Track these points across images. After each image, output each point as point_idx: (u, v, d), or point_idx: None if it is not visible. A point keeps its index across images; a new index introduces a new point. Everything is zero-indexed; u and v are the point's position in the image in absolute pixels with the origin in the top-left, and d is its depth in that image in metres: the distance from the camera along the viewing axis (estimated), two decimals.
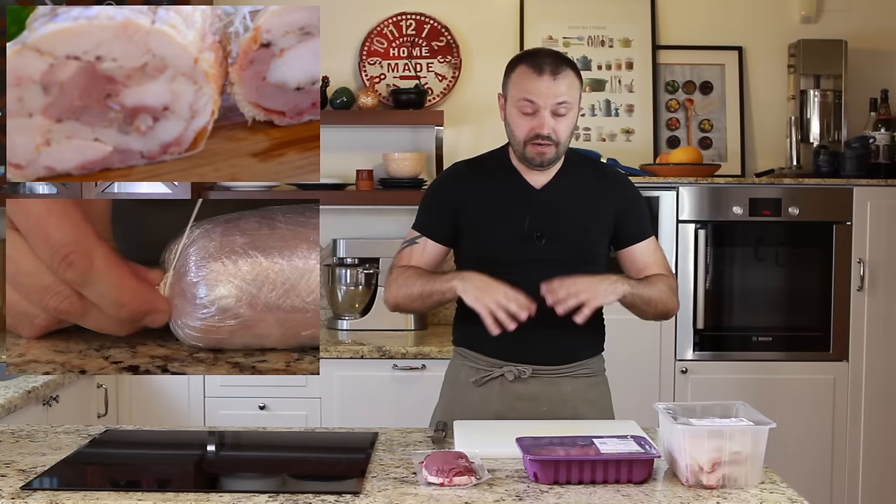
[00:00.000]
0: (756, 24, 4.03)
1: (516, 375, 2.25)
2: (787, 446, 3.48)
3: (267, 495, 1.71)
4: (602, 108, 4.01)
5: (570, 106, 2.17)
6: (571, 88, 2.17)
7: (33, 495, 1.72)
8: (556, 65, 2.16)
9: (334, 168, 3.91)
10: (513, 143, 2.23)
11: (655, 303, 2.23)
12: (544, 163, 2.20)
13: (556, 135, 2.16)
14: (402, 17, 3.98)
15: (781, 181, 3.66)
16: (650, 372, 3.54)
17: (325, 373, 3.33)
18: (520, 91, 2.17)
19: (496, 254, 2.23)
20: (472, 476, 1.76)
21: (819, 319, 3.60)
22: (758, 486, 1.76)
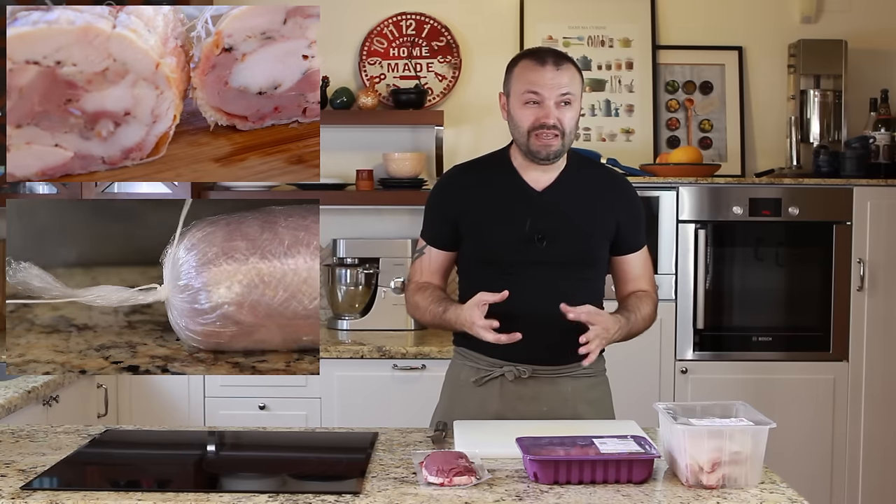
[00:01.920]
0: (756, 24, 4.03)
1: (516, 375, 2.25)
2: (787, 446, 3.48)
3: (267, 495, 1.71)
4: (602, 108, 4.01)
5: (573, 98, 2.19)
6: (573, 81, 2.19)
7: (33, 495, 1.72)
8: (558, 58, 2.19)
9: (334, 168, 3.91)
10: (517, 138, 2.23)
11: (637, 333, 2.31)
12: (550, 156, 2.20)
13: (561, 124, 2.17)
14: (402, 17, 3.98)
15: (781, 181, 3.66)
16: (650, 372, 3.54)
17: (325, 373, 3.33)
18: (524, 84, 2.18)
19: (497, 256, 2.23)
20: (472, 476, 1.76)
21: (819, 319, 3.60)
22: (758, 486, 1.76)
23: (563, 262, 2.22)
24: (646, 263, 2.36)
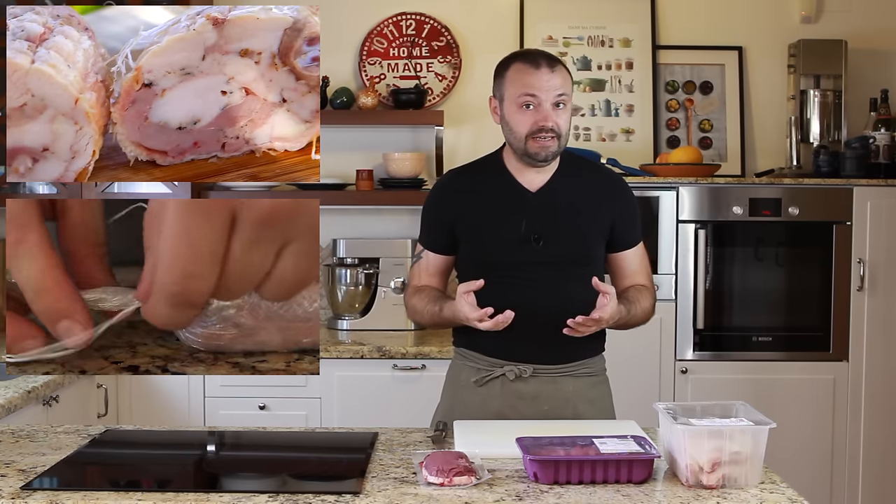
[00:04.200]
0: (756, 24, 4.03)
1: (517, 375, 2.25)
2: (787, 446, 3.48)
3: (267, 495, 1.71)
4: (602, 108, 4.01)
5: (567, 99, 2.20)
6: (567, 83, 2.20)
7: (33, 495, 1.72)
8: (550, 59, 2.21)
9: (334, 168, 3.91)
10: (513, 142, 2.23)
11: (634, 325, 2.29)
12: (548, 157, 2.20)
13: (559, 127, 2.18)
14: (402, 17, 3.98)
15: (781, 181, 3.66)
16: (650, 372, 3.54)
17: (325, 373, 3.33)
18: (519, 87, 2.18)
19: (494, 258, 2.23)
20: (472, 476, 1.76)
21: (819, 319, 3.60)
22: (758, 486, 1.76)
23: (559, 262, 2.23)
24: (642, 259, 2.36)
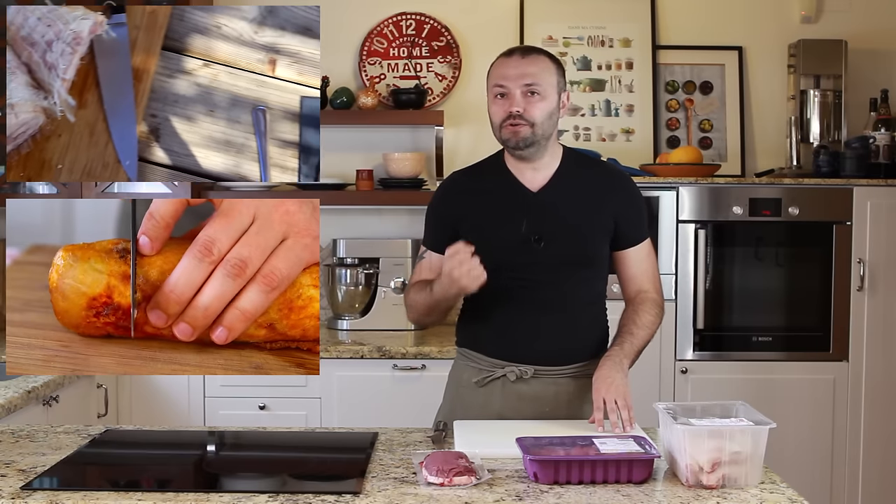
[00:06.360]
0: (756, 24, 4.03)
1: (518, 376, 2.25)
2: (787, 446, 3.48)
3: (267, 495, 1.71)
4: (602, 108, 4.01)
5: (542, 89, 2.16)
6: (544, 72, 2.18)
7: (33, 495, 1.72)
8: (527, 50, 2.21)
9: (334, 168, 3.91)
10: (494, 133, 2.24)
11: (645, 345, 2.28)
12: (520, 144, 2.18)
13: (528, 114, 2.16)
14: (402, 17, 3.98)
15: (781, 181, 3.66)
16: (650, 372, 3.54)
17: (325, 373, 3.33)
18: (494, 79, 2.21)
19: (496, 258, 2.22)
20: (472, 476, 1.76)
21: (819, 319, 3.60)
22: (758, 486, 1.76)
23: (561, 263, 2.22)
24: (648, 258, 2.33)
